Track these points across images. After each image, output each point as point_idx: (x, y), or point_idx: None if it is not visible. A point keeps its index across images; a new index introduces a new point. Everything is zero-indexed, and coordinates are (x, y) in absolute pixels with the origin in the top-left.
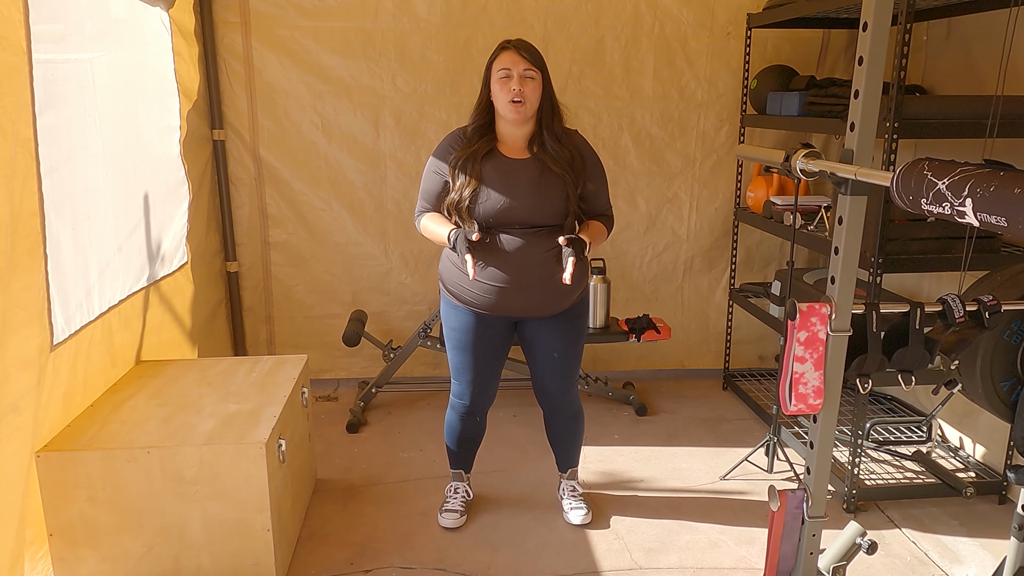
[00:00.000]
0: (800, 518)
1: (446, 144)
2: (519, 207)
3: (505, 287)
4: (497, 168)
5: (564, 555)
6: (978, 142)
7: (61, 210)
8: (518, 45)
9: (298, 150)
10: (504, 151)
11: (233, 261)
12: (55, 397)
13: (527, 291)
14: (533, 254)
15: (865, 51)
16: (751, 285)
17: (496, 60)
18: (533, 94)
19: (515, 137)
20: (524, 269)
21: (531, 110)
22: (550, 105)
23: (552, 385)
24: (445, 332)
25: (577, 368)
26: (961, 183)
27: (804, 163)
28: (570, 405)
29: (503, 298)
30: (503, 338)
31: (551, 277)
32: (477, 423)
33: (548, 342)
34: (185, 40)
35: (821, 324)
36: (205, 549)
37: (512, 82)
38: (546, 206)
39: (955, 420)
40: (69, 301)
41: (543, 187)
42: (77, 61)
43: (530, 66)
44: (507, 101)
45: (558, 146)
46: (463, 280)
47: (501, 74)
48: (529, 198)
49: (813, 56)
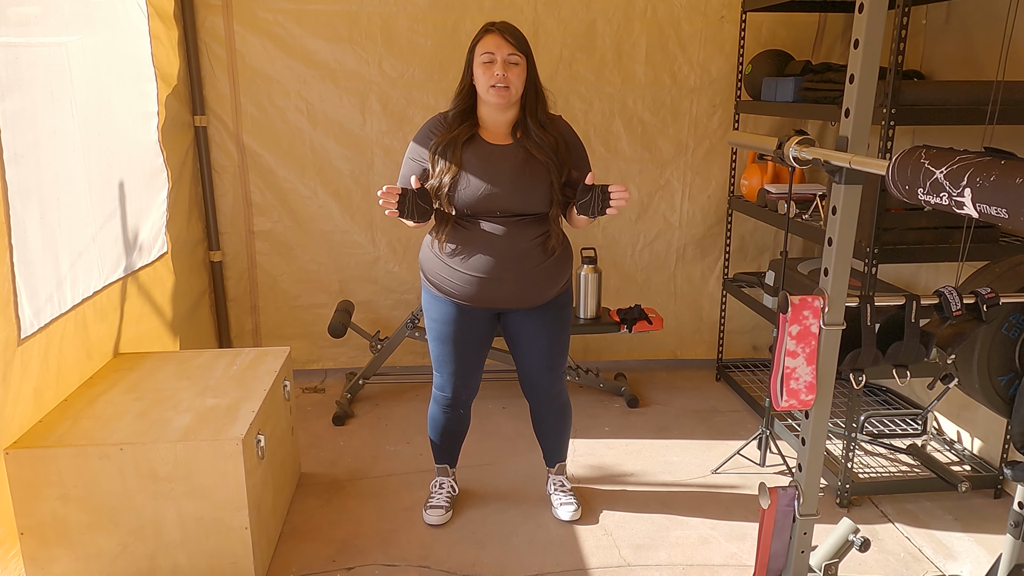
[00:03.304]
0: (791, 516)
1: (426, 129)
2: (501, 194)
3: (486, 277)
4: (478, 154)
5: (551, 552)
6: (978, 129)
7: (28, 199)
8: (502, 28)
9: (283, 136)
10: (486, 137)
11: (216, 250)
12: (24, 392)
13: (509, 282)
14: (516, 243)
15: (861, 34)
16: (745, 275)
17: (479, 43)
18: (518, 79)
19: (498, 123)
20: (506, 259)
21: (515, 96)
22: (534, 91)
23: (539, 378)
24: (427, 323)
25: (564, 360)
26: (960, 172)
27: (797, 151)
28: (558, 398)
29: (485, 288)
30: (486, 330)
31: (535, 267)
32: (460, 416)
33: (533, 334)
34: (164, 23)
35: (814, 317)
36: (181, 548)
37: (495, 67)
38: (529, 194)
39: (952, 413)
40: (38, 293)
41: (526, 174)
42: (50, 45)
43: (514, 50)
44: (489, 86)
45: (542, 132)
46: (444, 271)
47: (484, 58)
48: (511, 185)
49: (809, 41)
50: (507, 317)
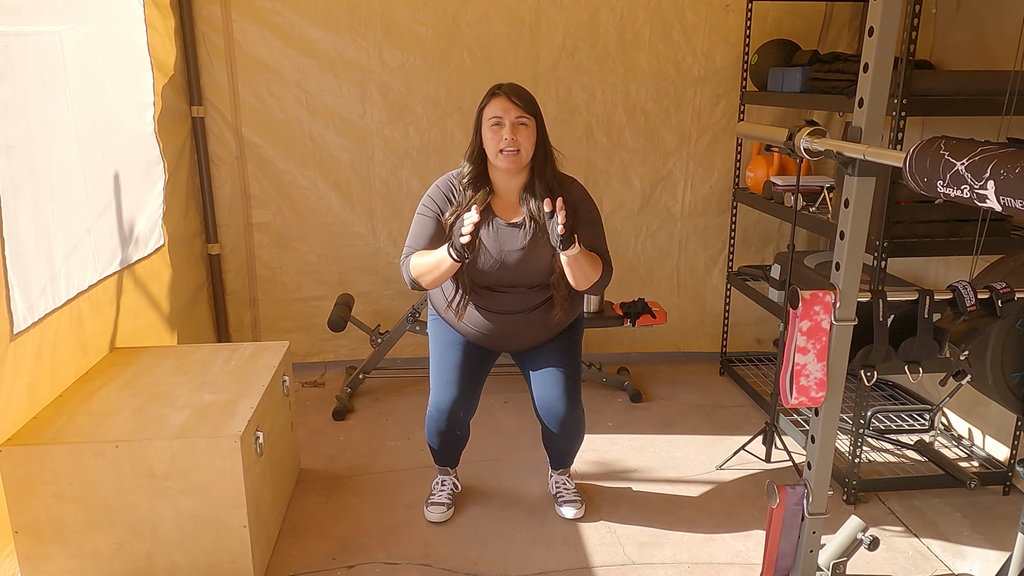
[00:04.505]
0: (800, 515)
1: (441, 194)
2: (508, 273)
3: (491, 335)
4: (488, 233)
5: (555, 550)
6: (988, 121)
7: (20, 191)
8: (509, 91)
9: (281, 127)
10: (498, 209)
11: (215, 243)
12: (18, 388)
13: (515, 337)
14: (519, 307)
15: (876, 21)
16: (749, 268)
17: (487, 107)
18: (527, 142)
19: (509, 189)
20: (511, 322)
21: (525, 159)
22: (544, 152)
23: (556, 406)
24: (430, 343)
25: (579, 379)
26: (982, 164)
27: (808, 142)
28: (577, 422)
29: (491, 340)
30: (491, 355)
31: (542, 326)
32: (458, 436)
33: (545, 363)
34: (160, 11)
35: (825, 313)
36: (179, 546)
37: (504, 130)
38: (534, 270)
39: (963, 409)
40: (31, 287)
41: (533, 254)
42: (44, 33)
43: (523, 113)
44: (498, 151)
45: (549, 197)
46: (451, 318)
47: (492, 122)
48: (518, 265)
49: (815, 30)
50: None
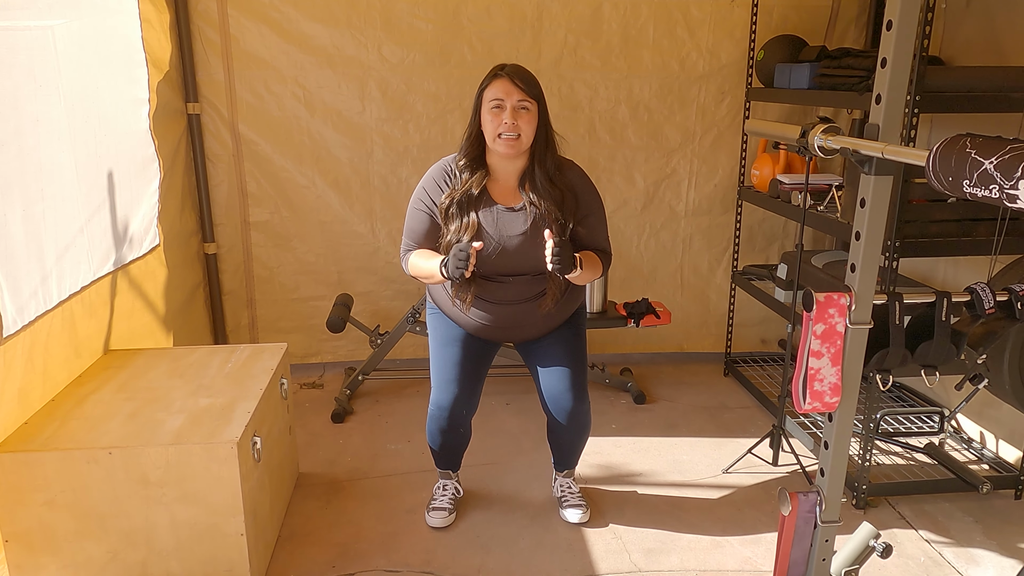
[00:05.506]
0: (812, 522)
1: (434, 182)
2: (508, 259)
3: (491, 325)
4: (487, 218)
5: (559, 556)
6: (1002, 118)
7: (9, 189)
8: (512, 73)
9: (279, 124)
10: (495, 193)
11: (211, 243)
12: (8, 393)
13: (515, 327)
14: (520, 297)
15: (895, 15)
16: (755, 267)
17: (488, 88)
18: (528, 127)
19: (507, 173)
20: (511, 312)
21: (525, 144)
22: (545, 138)
23: (563, 399)
24: (430, 340)
25: (585, 371)
26: (1013, 162)
27: (823, 140)
28: (584, 414)
29: (491, 331)
30: (492, 349)
31: (542, 316)
32: (460, 434)
33: (549, 355)
34: (155, 6)
35: (840, 316)
36: (174, 555)
37: (504, 114)
38: (533, 258)
39: (975, 412)
40: (21, 289)
41: (532, 241)
42: (35, 28)
43: (525, 96)
44: (496, 135)
45: (549, 186)
46: (451, 310)
47: (492, 104)
48: (518, 251)
49: (822, 25)
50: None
